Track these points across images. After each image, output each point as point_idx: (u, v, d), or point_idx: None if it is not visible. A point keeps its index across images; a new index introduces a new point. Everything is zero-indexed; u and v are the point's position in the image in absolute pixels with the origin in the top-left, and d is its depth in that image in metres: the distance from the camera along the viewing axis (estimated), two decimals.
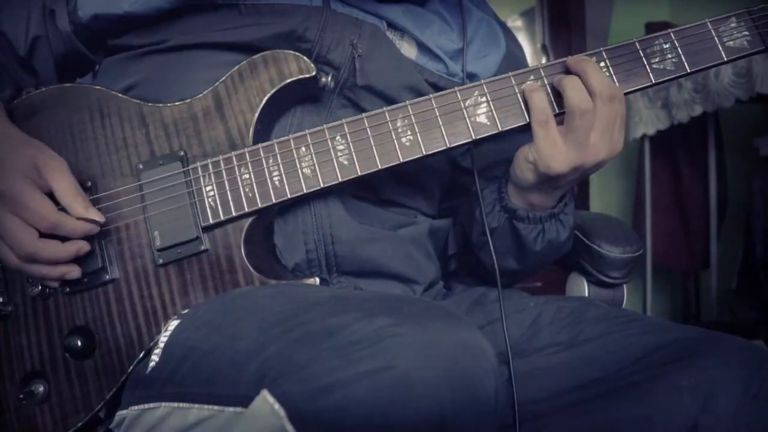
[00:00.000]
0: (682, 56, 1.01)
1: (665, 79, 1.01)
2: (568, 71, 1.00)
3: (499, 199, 1.10)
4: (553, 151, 0.98)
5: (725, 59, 1.01)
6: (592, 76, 0.97)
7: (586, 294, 1.26)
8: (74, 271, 0.99)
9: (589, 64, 0.98)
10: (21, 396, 0.99)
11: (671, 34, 1.01)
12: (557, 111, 1.00)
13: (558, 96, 1.00)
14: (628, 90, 1.01)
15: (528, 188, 1.05)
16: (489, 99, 1.00)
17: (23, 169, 0.96)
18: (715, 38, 1.01)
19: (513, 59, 1.22)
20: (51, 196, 0.98)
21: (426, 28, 1.12)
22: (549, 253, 1.13)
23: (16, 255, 0.96)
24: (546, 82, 1.00)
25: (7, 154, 0.97)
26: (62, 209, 0.97)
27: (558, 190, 1.06)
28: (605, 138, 0.98)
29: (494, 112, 1.00)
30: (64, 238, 0.97)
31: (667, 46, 1.01)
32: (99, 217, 0.98)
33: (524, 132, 1.01)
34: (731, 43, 1.01)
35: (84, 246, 0.98)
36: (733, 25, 1.01)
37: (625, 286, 1.28)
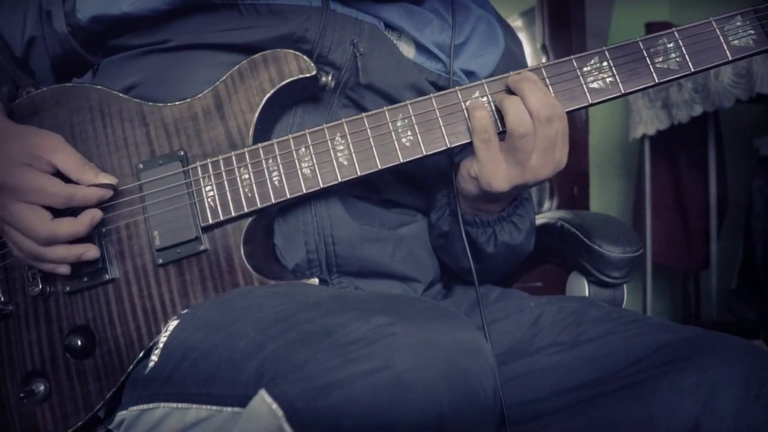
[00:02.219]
0: (686, 55, 1.00)
1: (669, 78, 1.00)
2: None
3: (448, 203, 1.12)
4: (495, 170, 0.99)
5: (730, 58, 1.00)
6: (529, 98, 0.96)
7: (587, 294, 1.26)
8: (91, 251, 0.98)
9: (527, 84, 0.97)
10: (22, 395, 1.00)
11: (675, 33, 1.00)
12: (501, 129, 0.99)
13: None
14: (632, 90, 1.00)
15: (472, 198, 1.07)
16: (490, 99, 1.00)
17: (20, 157, 0.96)
18: (720, 37, 1.00)
19: (512, 57, 1.22)
20: (57, 175, 0.97)
21: (424, 28, 1.12)
22: (507, 255, 1.15)
23: (34, 240, 0.96)
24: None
25: (2, 146, 0.97)
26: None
27: (504, 200, 1.07)
28: (546, 157, 0.98)
29: (494, 112, 1.00)
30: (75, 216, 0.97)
31: (671, 45, 1.00)
32: (112, 180, 0.99)
33: None
34: (736, 42, 1.00)
35: (97, 213, 0.97)
36: (738, 23, 1.00)
37: (625, 286, 1.28)
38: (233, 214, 0.99)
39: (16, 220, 0.96)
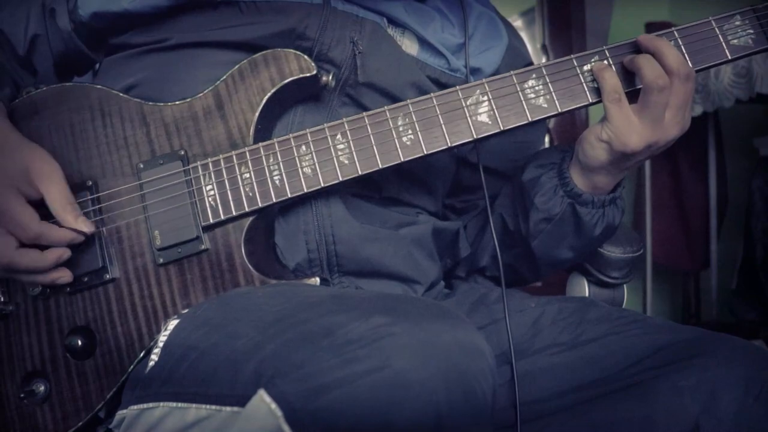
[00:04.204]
0: (685, 55, 1.00)
1: None
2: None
3: (562, 183, 1.09)
4: (628, 128, 0.98)
5: (729, 57, 1.00)
6: (668, 54, 0.96)
7: (587, 294, 1.26)
8: (64, 276, 0.98)
9: (664, 42, 0.98)
10: (22, 395, 0.99)
11: (674, 32, 1.01)
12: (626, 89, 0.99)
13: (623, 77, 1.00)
14: (630, 89, 1.00)
15: (598, 168, 1.05)
16: (490, 98, 1.00)
17: (12, 176, 0.96)
18: (719, 36, 1.00)
19: (515, 53, 1.22)
20: (42, 201, 0.97)
21: (428, 24, 1.12)
22: (603, 237, 1.14)
23: None
24: (548, 80, 0.99)
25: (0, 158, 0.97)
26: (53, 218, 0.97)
27: (623, 171, 1.06)
28: (678, 116, 0.98)
29: (496, 111, 0.99)
30: (46, 246, 0.97)
31: (671, 44, 1.00)
32: (89, 228, 0.98)
33: (526, 129, 1.01)
34: (735, 41, 1.00)
35: (65, 253, 0.97)
36: (737, 23, 1.01)
37: (625, 286, 1.28)
38: (234, 213, 0.99)
39: None
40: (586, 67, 1.01)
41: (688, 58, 1.00)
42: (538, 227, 1.12)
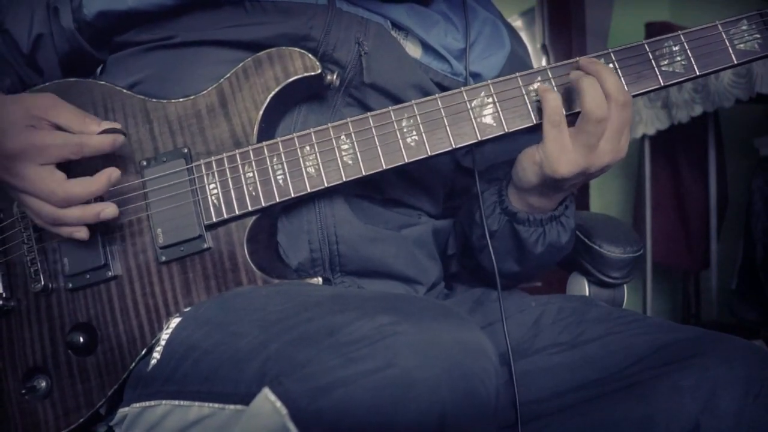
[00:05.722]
0: (691, 59, 0.99)
1: (674, 81, 1.00)
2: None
3: (500, 201, 1.10)
4: (561, 153, 0.97)
5: (735, 62, 1.00)
6: (607, 80, 0.95)
7: (587, 294, 1.26)
8: (109, 208, 0.96)
9: (604, 67, 0.97)
10: (23, 391, 1.00)
11: (681, 36, 1.00)
12: (566, 113, 0.99)
13: (567, 97, 0.99)
14: (638, 92, 1.00)
15: (529, 190, 1.05)
16: (495, 100, 0.99)
17: (21, 120, 0.95)
18: (726, 41, 1.00)
19: (517, 59, 1.22)
20: None
21: (431, 28, 1.12)
22: (550, 255, 1.13)
23: (51, 203, 0.94)
24: (554, 84, 1.00)
25: (1, 114, 0.96)
26: None
27: (559, 193, 1.05)
28: (612, 143, 0.97)
29: (500, 113, 0.99)
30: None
31: (677, 48, 1.00)
32: (115, 125, 0.98)
33: (529, 133, 1.01)
34: (742, 45, 1.00)
35: (114, 172, 0.96)
36: (744, 27, 1.00)
37: (625, 285, 1.28)
38: (237, 212, 0.99)
39: (31, 184, 0.94)
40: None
41: (693, 62, 0.99)
42: (480, 242, 1.13)
